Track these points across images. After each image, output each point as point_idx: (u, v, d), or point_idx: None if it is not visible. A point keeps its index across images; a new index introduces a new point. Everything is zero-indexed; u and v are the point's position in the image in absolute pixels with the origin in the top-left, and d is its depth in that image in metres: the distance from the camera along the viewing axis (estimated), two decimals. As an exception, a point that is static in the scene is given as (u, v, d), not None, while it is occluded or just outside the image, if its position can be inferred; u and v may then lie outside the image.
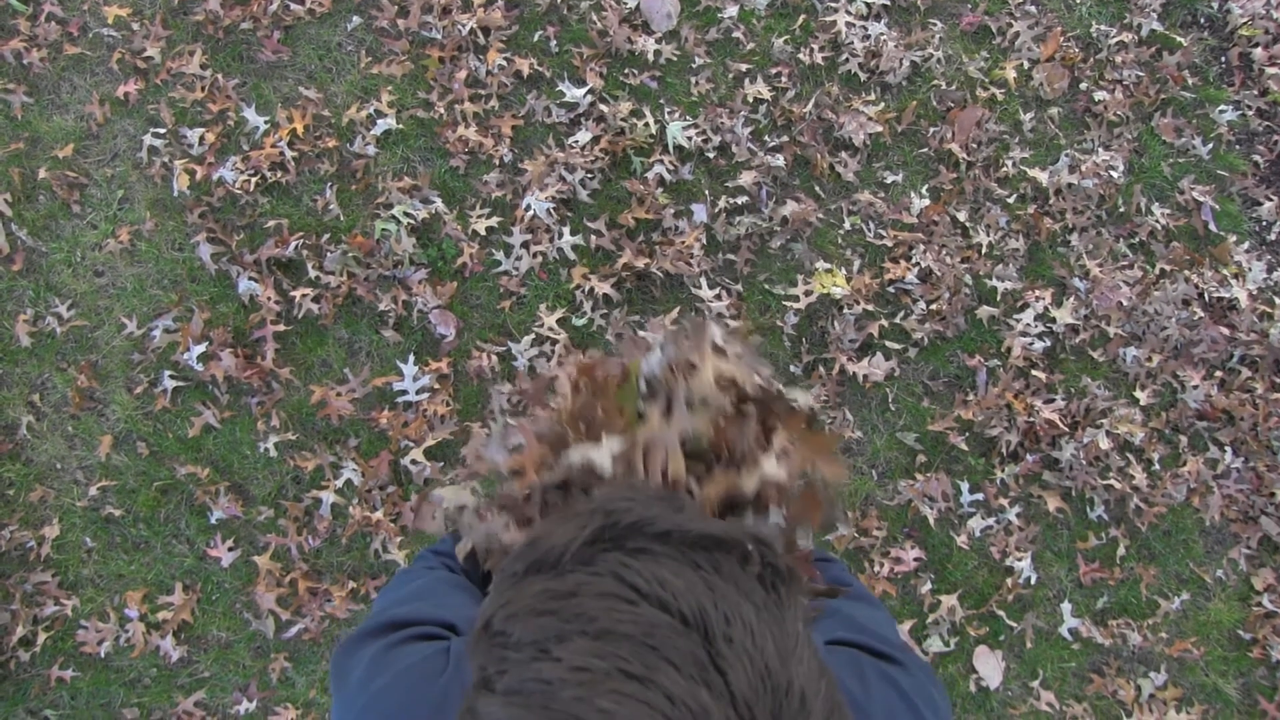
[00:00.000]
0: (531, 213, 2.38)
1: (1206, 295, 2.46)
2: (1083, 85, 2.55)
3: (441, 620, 0.89)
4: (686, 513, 0.61)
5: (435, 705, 0.77)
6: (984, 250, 2.45)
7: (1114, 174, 2.49)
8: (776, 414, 0.89)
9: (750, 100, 2.47)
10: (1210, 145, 2.55)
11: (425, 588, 1.01)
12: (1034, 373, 2.39)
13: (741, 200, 2.42)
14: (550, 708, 0.50)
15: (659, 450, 0.81)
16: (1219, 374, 2.45)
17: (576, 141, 2.40)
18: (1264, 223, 2.55)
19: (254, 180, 2.37)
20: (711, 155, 2.44)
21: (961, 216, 2.45)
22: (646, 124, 2.42)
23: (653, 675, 0.50)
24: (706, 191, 2.43)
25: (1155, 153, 2.54)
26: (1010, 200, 2.48)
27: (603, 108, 2.42)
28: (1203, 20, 2.63)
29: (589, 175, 2.39)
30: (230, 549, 2.29)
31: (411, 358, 2.34)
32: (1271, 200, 2.54)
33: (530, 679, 0.52)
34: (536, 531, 0.62)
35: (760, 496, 0.83)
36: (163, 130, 2.41)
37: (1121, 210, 2.51)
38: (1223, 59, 2.62)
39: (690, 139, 2.42)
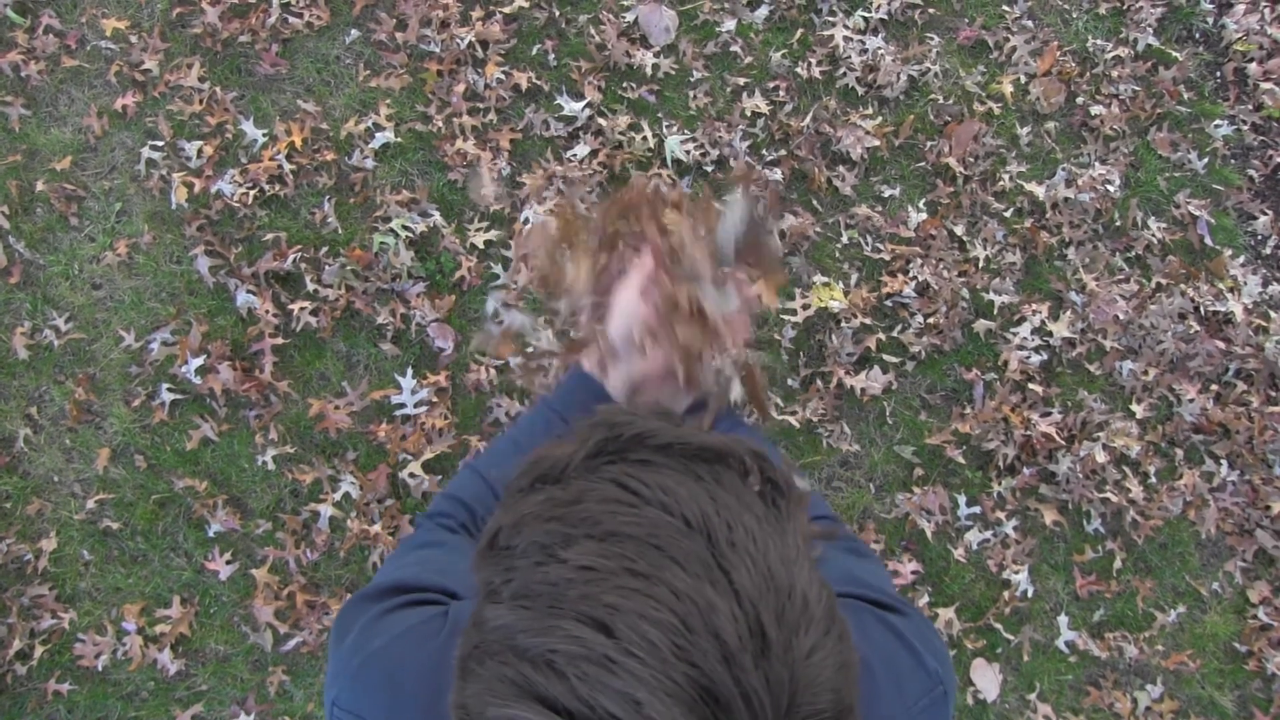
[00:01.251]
0: (530, 226, 2.38)
1: (1202, 309, 2.48)
2: (1079, 99, 2.57)
3: (441, 587, 0.89)
4: (687, 427, 0.61)
5: (432, 665, 0.77)
6: (981, 264, 2.46)
7: (1110, 188, 2.50)
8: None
9: (748, 114, 2.48)
10: (1206, 160, 2.56)
11: (427, 556, 1.02)
12: (1031, 386, 2.40)
13: (739, 214, 2.43)
14: (557, 607, 0.50)
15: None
16: (1215, 387, 2.46)
17: (575, 155, 2.41)
18: (1259, 237, 2.56)
19: (252, 193, 2.37)
20: (709, 169, 2.45)
21: (959, 230, 2.46)
22: (645, 137, 2.42)
23: (658, 573, 0.50)
24: (704, 205, 2.44)
25: (1151, 167, 2.56)
26: (1007, 214, 2.49)
27: (601, 121, 2.43)
28: (1198, 35, 2.65)
29: (587, 189, 2.39)
30: (228, 562, 2.29)
31: (410, 371, 2.34)
32: (1266, 214, 2.55)
33: (537, 582, 0.52)
34: (539, 450, 0.63)
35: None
36: (161, 143, 2.41)
37: (1118, 224, 2.52)
38: (1218, 74, 2.63)
39: (688, 152, 2.43)
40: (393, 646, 0.81)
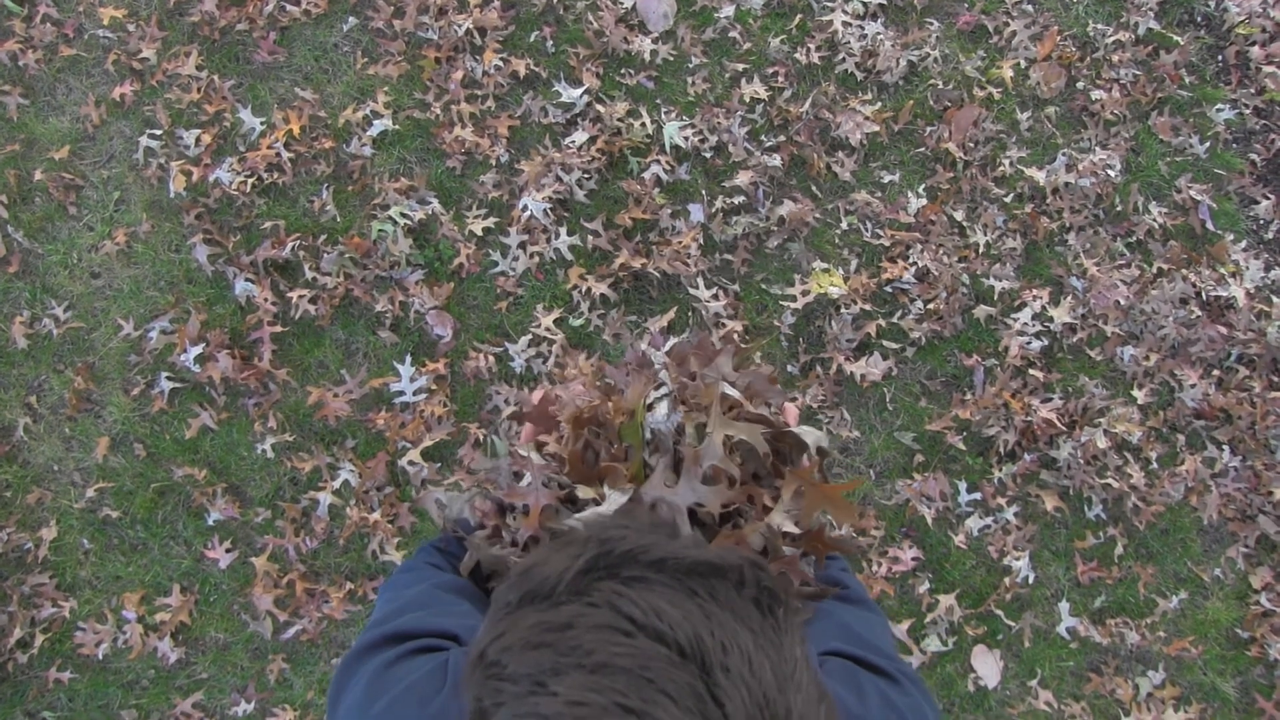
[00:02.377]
0: (528, 213, 2.37)
1: (1204, 294, 2.46)
2: (1079, 84, 2.55)
3: (442, 630, 0.88)
4: (681, 540, 0.60)
5: None
6: (981, 249, 2.44)
7: (1111, 173, 2.49)
8: (787, 462, 0.89)
9: (747, 100, 2.47)
10: (1207, 144, 2.55)
11: (426, 595, 1.00)
12: (1031, 372, 2.39)
13: (738, 200, 2.42)
14: None
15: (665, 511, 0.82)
16: (1216, 373, 2.45)
17: (573, 142, 2.40)
18: (1261, 221, 2.55)
19: (250, 181, 2.37)
20: (708, 155, 2.44)
21: (958, 216, 2.45)
22: (643, 124, 2.41)
23: (650, 709, 0.49)
24: (703, 191, 2.43)
25: (1152, 151, 2.54)
26: (1007, 199, 2.47)
27: (599, 108, 2.42)
28: (1199, 19, 2.63)
29: (586, 175, 2.39)
30: (228, 550, 2.29)
31: (408, 359, 2.34)
32: (1268, 199, 2.54)
33: (527, 713, 0.52)
34: (530, 560, 0.62)
35: (766, 550, 0.84)
36: (159, 132, 2.41)
37: (1119, 209, 2.51)
38: (1219, 58, 2.62)
39: (687, 139, 2.42)
40: (395, 709, 0.80)
